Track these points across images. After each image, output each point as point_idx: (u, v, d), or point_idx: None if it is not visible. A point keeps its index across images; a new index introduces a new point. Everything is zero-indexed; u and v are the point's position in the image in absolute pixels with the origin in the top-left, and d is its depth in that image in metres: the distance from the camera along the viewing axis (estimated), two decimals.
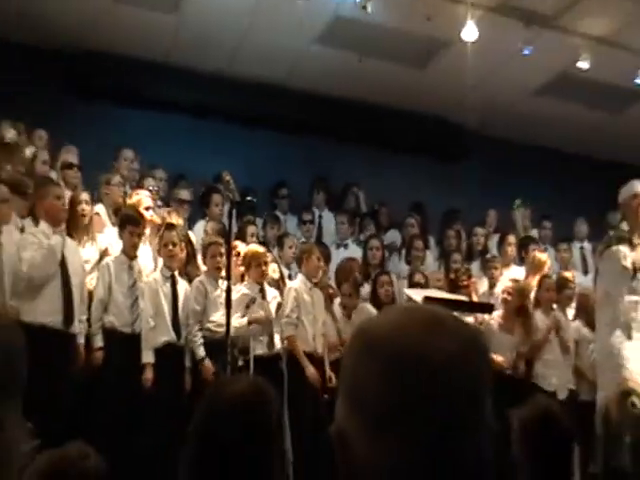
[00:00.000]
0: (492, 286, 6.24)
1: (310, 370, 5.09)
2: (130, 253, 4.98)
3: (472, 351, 0.79)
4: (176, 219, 5.48)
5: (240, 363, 4.97)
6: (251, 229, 5.92)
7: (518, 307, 5.72)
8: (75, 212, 5.03)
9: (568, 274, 6.34)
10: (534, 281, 5.96)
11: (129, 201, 5.56)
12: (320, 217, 7.05)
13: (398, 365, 0.76)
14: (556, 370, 5.73)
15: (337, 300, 5.78)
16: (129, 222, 5.00)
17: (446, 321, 0.81)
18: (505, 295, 5.77)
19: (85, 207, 5.13)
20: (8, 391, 0.61)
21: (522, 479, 2.06)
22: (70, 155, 5.90)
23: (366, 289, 5.96)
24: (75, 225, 5.03)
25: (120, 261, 4.94)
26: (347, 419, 0.79)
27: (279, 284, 5.52)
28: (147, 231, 5.44)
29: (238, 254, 5.26)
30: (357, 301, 5.70)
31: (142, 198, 5.49)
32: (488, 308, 5.46)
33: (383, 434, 0.76)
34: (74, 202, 5.08)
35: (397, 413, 0.76)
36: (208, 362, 4.82)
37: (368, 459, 0.77)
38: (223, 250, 5.01)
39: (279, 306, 5.22)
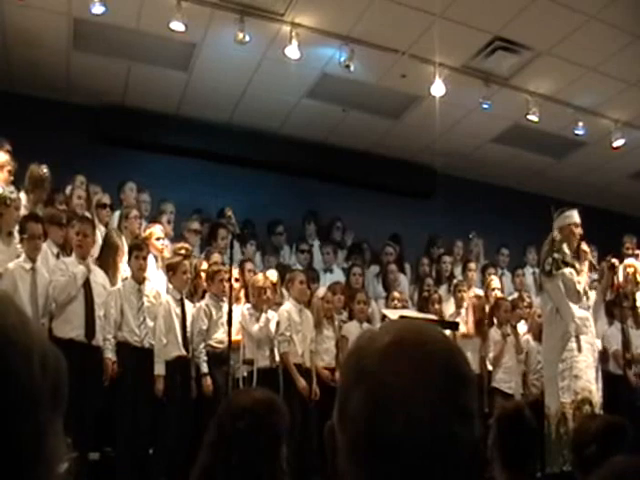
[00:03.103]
0: (458, 306, 6.23)
1: (301, 383, 5.03)
2: (138, 276, 4.87)
3: (454, 389, 0.71)
4: (186, 248, 5.47)
5: (245, 373, 4.94)
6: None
7: (478, 319, 5.91)
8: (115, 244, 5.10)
9: (522, 295, 6.49)
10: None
11: (143, 234, 5.54)
12: (311, 246, 7.03)
13: (380, 398, 0.70)
14: (513, 376, 5.78)
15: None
16: (135, 248, 4.96)
17: (435, 359, 0.72)
18: (470, 309, 5.99)
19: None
20: (55, 406, 0.58)
21: (495, 464, 2.11)
22: (103, 196, 5.86)
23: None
24: (114, 254, 5.06)
25: (130, 286, 4.87)
26: (336, 425, 0.75)
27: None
28: (158, 259, 5.42)
29: (237, 279, 5.25)
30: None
31: (153, 230, 5.51)
32: (454, 326, 5.48)
33: (359, 458, 0.71)
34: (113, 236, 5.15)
35: (373, 440, 0.69)
36: (209, 378, 4.81)
37: (346, 471, 0.72)
38: (227, 276, 4.98)
39: (278, 325, 5.17)
